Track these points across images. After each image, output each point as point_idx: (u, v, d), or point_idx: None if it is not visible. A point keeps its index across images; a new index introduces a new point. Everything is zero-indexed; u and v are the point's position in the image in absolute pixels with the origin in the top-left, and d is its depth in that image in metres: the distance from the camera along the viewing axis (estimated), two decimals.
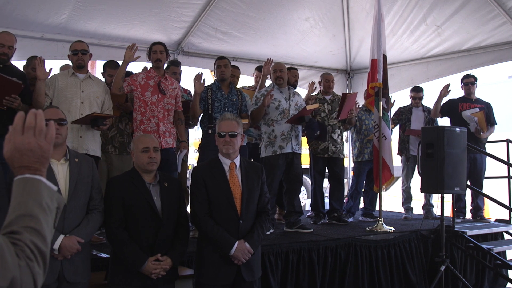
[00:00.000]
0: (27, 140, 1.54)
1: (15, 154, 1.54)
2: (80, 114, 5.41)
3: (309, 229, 6.74)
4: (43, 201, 1.52)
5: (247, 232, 4.22)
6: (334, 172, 7.83)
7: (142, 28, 8.39)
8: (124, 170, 5.64)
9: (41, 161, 1.56)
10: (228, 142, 4.25)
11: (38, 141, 1.55)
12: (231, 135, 4.26)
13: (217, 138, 4.32)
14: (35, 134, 1.55)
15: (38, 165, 1.56)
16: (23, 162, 1.54)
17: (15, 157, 1.54)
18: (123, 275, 3.99)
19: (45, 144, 1.56)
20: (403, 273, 6.64)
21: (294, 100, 6.92)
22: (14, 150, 1.54)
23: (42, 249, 1.46)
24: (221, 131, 4.29)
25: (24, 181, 1.53)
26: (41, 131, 1.56)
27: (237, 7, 8.59)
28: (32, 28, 7.63)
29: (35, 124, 1.55)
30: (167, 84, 5.93)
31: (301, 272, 5.86)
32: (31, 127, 1.55)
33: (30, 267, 1.41)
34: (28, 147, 1.53)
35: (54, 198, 1.57)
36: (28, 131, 1.54)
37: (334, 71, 10.64)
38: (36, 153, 1.55)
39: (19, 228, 1.45)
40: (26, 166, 1.54)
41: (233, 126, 4.30)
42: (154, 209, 4.02)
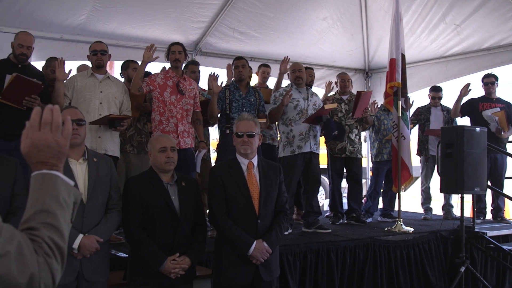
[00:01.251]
0: (44, 136, 1.54)
1: (32, 149, 1.54)
2: (99, 114, 5.44)
3: (327, 229, 6.71)
4: (60, 196, 1.52)
5: (265, 232, 4.21)
6: (352, 172, 7.80)
7: (160, 28, 8.42)
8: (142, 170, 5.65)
9: (58, 156, 1.56)
10: (246, 143, 4.24)
11: (55, 137, 1.55)
12: (249, 135, 4.25)
13: (235, 138, 4.32)
14: (52, 130, 1.55)
15: (55, 160, 1.56)
16: (40, 157, 1.54)
17: (32, 153, 1.54)
18: (142, 274, 4.00)
19: (62, 140, 1.56)
20: (423, 274, 6.58)
21: (312, 100, 6.90)
22: (31, 145, 1.54)
23: (60, 245, 1.46)
24: (239, 131, 4.28)
25: (41, 176, 1.54)
26: (58, 126, 1.56)
27: (255, 7, 8.59)
28: (51, 29, 7.69)
29: (51, 120, 1.55)
30: (186, 85, 5.94)
31: (320, 273, 5.84)
32: (48, 123, 1.54)
33: (49, 263, 1.41)
34: (45, 142, 1.53)
35: (71, 193, 1.58)
36: (45, 127, 1.54)
37: (352, 71, 10.60)
38: (53, 148, 1.55)
39: (37, 224, 1.45)
40: (43, 162, 1.54)
41: (251, 126, 4.29)
42: (172, 209, 4.03)
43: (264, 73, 7.86)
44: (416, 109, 8.80)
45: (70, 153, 3.87)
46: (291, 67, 6.97)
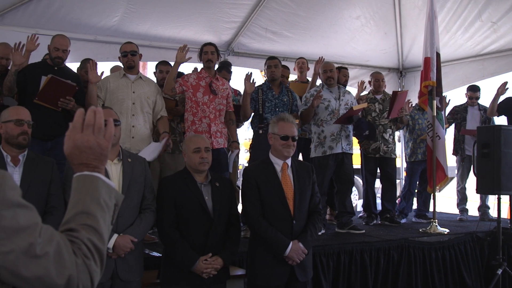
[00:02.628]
0: (86, 138, 1.54)
1: (74, 151, 1.55)
2: (132, 115, 5.48)
3: (361, 230, 6.66)
4: (101, 198, 1.53)
5: (300, 232, 4.20)
6: (386, 172, 7.73)
7: (193, 29, 8.46)
8: (176, 169, 5.69)
9: (99, 158, 1.57)
10: (290, 146, 4.24)
11: (97, 139, 1.55)
12: (294, 139, 4.26)
13: (277, 139, 4.27)
14: (94, 131, 1.55)
15: (97, 162, 1.56)
16: (82, 159, 1.55)
17: (74, 154, 1.55)
18: (175, 274, 4.03)
19: (103, 142, 1.57)
20: (458, 276, 6.48)
21: (344, 99, 6.85)
22: (73, 147, 1.54)
23: (99, 247, 1.47)
24: (284, 134, 4.26)
25: (83, 178, 1.54)
26: (100, 129, 1.56)
27: (287, 7, 8.56)
28: (85, 31, 7.80)
29: (94, 121, 1.56)
30: (218, 85, 5.95)
31: (353, 274, 5.80)
32: (90, 125, 1.55)
33: (87, 265, 1.41)
34: (87, 144, 1.54)
35: (112, 195, 1.58)
36: (88, 129, 1.55)
37: (386, 70, 10.49)
38: (95, 150, 1.55)
39: (76, 226, 1.45)
40: (84, 164, 1.55)
41: (295, 129, 4.30)
42: (205, 209, 4.03)
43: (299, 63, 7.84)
44: (453, 108, 8.67)
45: None
46: (322, 67, 6.93)
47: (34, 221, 1.36)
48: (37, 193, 3.86)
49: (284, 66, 7.32)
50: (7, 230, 1.30)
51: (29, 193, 3.71)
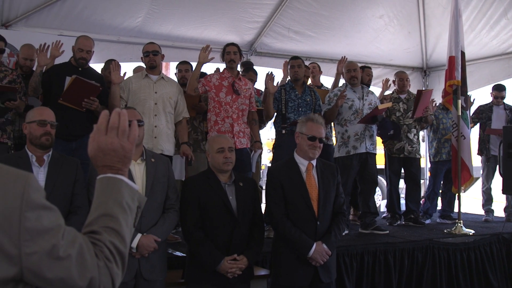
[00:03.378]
0: (110, 140, 1.55)
1: (98, 153, 1.55)
2: (154, 115, 5.49)
3: (384, 230, 6.61)
4: (124, 201, 1.53)
5: (324, 233, 4.19)
6: (410, 172, 7.66)
7: (215, 29, 8.47)
8: (198, 167, 5.72)
9: (123, 161, 1.57)
10: (316, 147, 4.23)
11: (121, 141, 1.56)
12: (321, 141, 4.24)
13: (304, 139, 4.26)
14: (118, 134, 1.56)
15: (120, 165, 1.57)
16: (106, 161, 1.55)
17: (98, 157, 1.55)
18: (200, 274, 4.03)
19: (127, 145, 1.57)
20: (484, 277, 6.39)
21: (368, 99, 6.81)
22: (97, 149, 1.55)
23: (121, 249, 1.47)
24: (312, 134, 4.24)
25: (106, 180, 1.54)
26: (124, 131, 1.57)
27: (310, 6, 8.54)
28: (109, 31, 7.86)
29: (118, 124, 1.56)
30: (241, 85, 5.95)
31: (377, 275, 5.75)
32: (115, 127, 1.56)
33: (109, 267, 1.42)
34: (111, 147, 1.54)
35: (135, 198, 1.58)
36: (112, 131, 1.55)
37: (410, 69, 10.41)
38: (119, 153, 1.55)
39: (99, 228, 1.46)
40: (108, 166, 1.55)
41: (323, 130, 4.28)
42: (229, 209, 4.04)
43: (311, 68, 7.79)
44: (478, 107, 8.56)
45: None
46: (346, 67, 6.90)
47: (57, 223, 1.37)
48: (62, 193, 3.89)
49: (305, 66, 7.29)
50: (31, 231, 1.31)
51: (54, 193, 3.75)
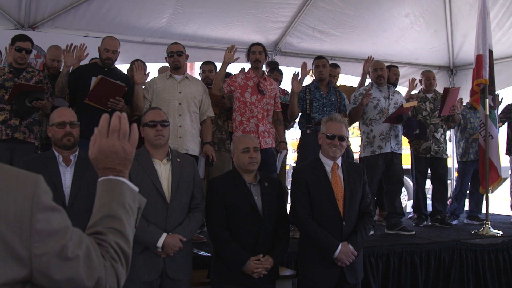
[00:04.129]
0: (112, 143, 1.57)
1: (99, 156, 1.58)
2: (179, 115, 5.50)
3: (411, 231, 6.55)
4: (126, 202, 1.56)
5: (350, 234, 4.16)
6: (437, 172, 7.57)
7: (240, 29, 8.49)
8: (223, 167, 5.72)
9: (124, 163, 1.60)
10: (336, 146, 4.21)
11: (122, 144, 1.58)
12: (341, 139, 4.21)
13: (324, 139, 4.26)
14: (119, 137, 1.58)
15: (121, 167, 1.59)
16: (107, 164, 1.58)
17: (100, 159, 1.58)
18: (225, 273, 4.04)
19: (128, 147, 1.60)
20: None
21: (394, 98, 6.75)
22: (99, 152, 1.58)
23: (125, 250, 1.50)
24: (331, 133, 4.23)
25: (108, 182, 1.57)
26: (125, 134, 1.59)
27: (335, 6, 8.51)
28: (134, 32, 7.93)
29: (119, 127, 1.58)
30: (266, 85, 5.95)
31: (403, 276, 5.71)
32: (116, 130, 1.58)
33: (115, 267, 1.45)
34: (112, 149, 1.57)
35: (136, 199, 1.61)
36: (113, 134, 1.58)
37: (436, 68, 10.30)
38: (120, 155, 1.58)
39: (103, 229, 1.49)
40: (110, 168, 1.58)
41: (343, 129, 4.25)
42: (255, 209, 4.03)
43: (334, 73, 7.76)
44: (506, 106, 8.42)
45: (154, 154, 3.96)
46: (372, 66, 6.86)
47: (65, 225, 1.39)
48: (88, 192, 3.91)
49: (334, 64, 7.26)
50: (41, 233, 1.32)
51: (80, 193, 3.78)
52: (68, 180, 3.83)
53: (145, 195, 3.81)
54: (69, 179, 3.85)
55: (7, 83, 5.43)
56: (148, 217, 3.77)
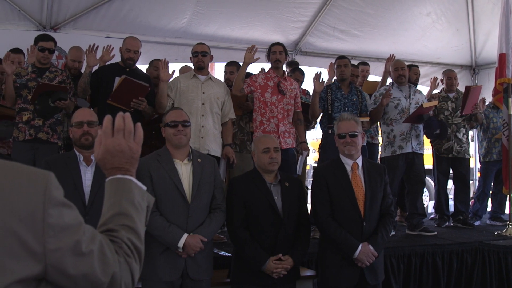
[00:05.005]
0: (118, 142, 1.58)
1: (106, 155, 1.58)
2: (201, 115, 5.52)
3: (432, 232, 6.49)
4: (135, 200, 1.56)
5: (371, 234, 4.13)
6: (459, 172, 7.49)
7: (260, 29, 8.48)
8: (244, 168, 5.71)
9: (131, 161, 1.60)
10: (349, 143, 4.19)
11: (128, 143, 1.59)
12: (352, 135, 4.18)
13: (337, 140, 4.27)
14: (124, 136, 1.59)
15: (128, 165, 1.60)
16: (114, 163, 1.59)
17: (107, 159, 1.59)
18: (245, 273, 4.04)
19: (134, 145, 1.61)
20: None
21: (415, 98, 6.70)
22: (105, 152, 1.58)
23: (138, 246, 1.51)
24: (341, 132, 4.23)
25: (116, 181, 1.58)
26: (130, 132, 1.60)
27: (355, 5, 8.48)
28: (155, 33, 7.96)
29: (124, 126, 1.59)
30: (287, 85, 5.93)
31: (425, 277, 5.67)
32: (121, 129, 1.59)
33: (129, 263, 1.46)
34: (118, 148, 1.58)
35: (144, 197, 1.62)
36: (118, 133, 1.58)
37: (458, 67, 10.20)
38: (126, 154, 1.59)
39: (115, 226, 1.50)
40: (117, 167, 1.59)
41: (352, 125, 4.23)
42: (275, 209, 4.03)
43: (363, 71, 7.73)
44: None
45: (175, 154, 3.96)
46: (393, 65, 6.81)
47: (78, 220, 1.39)
48: None
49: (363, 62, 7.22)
50: (55, 228, 1.32)
51: (100, 192, 3.78)
52: (89, 180, 3.86)
53: (166, 195, 3.86)
54: (90, 179, 3.87)
55: (30, 83, 5.47)
56: (169, 217, 3.78)
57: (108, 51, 5.81)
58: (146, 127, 5.83)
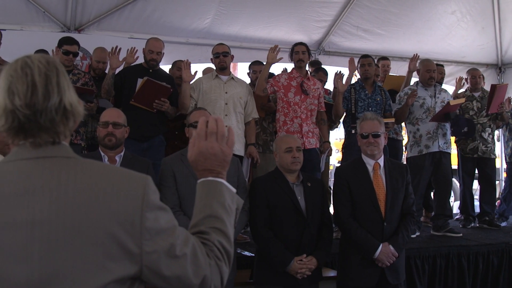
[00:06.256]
0: (211, 145, 1.60)
1: (199, 158, 1.61)
2: (225, 115, 5.52)
3: (458, 233, 6.42)
4: (226, 202, 1.59)
5: (392, 235, 4.12)
6: (485, 173, 7.39)
7: (283, 29, 8.46)
8: (267, 168, 5.69)
9: (222, 164, 1.63)
10: (372, 143, 4.17)
11: (220, 146, 1.61)
12: (374, 135, 4.16)
13: (360, 139, 4.25)
14: (217, 139, 1.61)
15: (220, 168, 1.62)
16: (207, 165, 1.61)
17: (199, 161, 1.61)
18: (268, 274, 4.04)
19: (226, 149, 1.63)
20: None
21: (440, 97, 6.62)
22: (198, 154, 1.61)
23: (228, 248, 1.54)
24: (364, 132, 4.21)
25: (208, 183, 1.61)
26: (223, 136, 1.62)
27: (379, 4, 8.41)
28: (177, 33, 7.99)
29: (217, 129, 1.61)
30: (310, 85, 5.91)
31: (450, 278, 5.62)
32: (214, 133, 1.61)
33: (219, 266, 1.50)
34: (211, 151, 1.60)
35: (234, 200, 1.65)
36: (211, 136, 1.61)
37: (483, 66, 10.06)
38: (219, 157, 1.61)
39: (206, 229, 1.53)
40: (209, 169, 1.61)
41: (375, 125, 4.20)
42: (298, 209, 4.02)
43: (384, 66, 7.67)
44: None
45: None
46: (425, 66, 6.67)
47: (173, 223, 1.46)
48: None
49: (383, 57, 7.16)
50: (151, 231, 1.39)
51: None
52: None
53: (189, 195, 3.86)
54: None
55: None
56: None
57: (132, 53, 5.86)
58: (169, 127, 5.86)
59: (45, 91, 1.37)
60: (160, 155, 5.28)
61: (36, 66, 1.39)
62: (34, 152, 1.40)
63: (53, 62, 1.44)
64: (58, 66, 1.44)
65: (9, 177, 1.38)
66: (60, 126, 1.41)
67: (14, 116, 1.36)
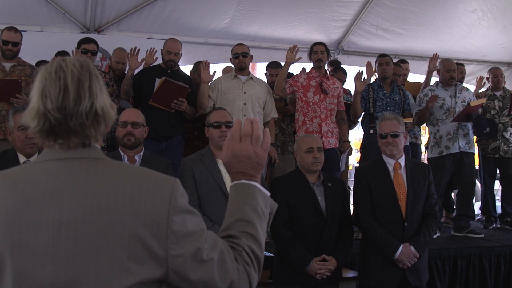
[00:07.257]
0: (245, 147, 1.58)
1: (233, 160, 1.59)
2: (243, 115, 5.52)
3: (479, 234, 6.34)
4: (258, 207, 1.56)
5: (413, 235, 4.08)
6: (507, 173, 7.30)
7: (302, 29, 8.45)
8: (286, 169, 5.69)
9: (256, 167, 1.60)
10: (391, 143, 4.14)
11: (254, 149, 1.59)
12: (393, 135, 4.13)
13: (379, 139, 4.22)
14: (252, 141, 1.59)
15: (254, 171, 1.60)
16: (240, 168, 1.59)
17: (233, 163, 1.60)
18: (288, 274, 4.03)
19: (261, 152, 1.61)
20: None
21: (461, 96, 6.54)
22: (232, 156, 1.59)
23: (258, 254, 1.52)
24: (383, 132, 4.18)
25: (241, 186, 1.59)
26: (258, 138, 1.60)
27: (398, 3, 8.35)
28: (196, 34, 8.02)
29: (252, 132, 1.60)
30: (329, 84, 5.89)
31: (471, 279, 5.56)
32: (248, 135, 1.59)
33: (247, 271, 1.47)
34: (245, 154, 1.58)
35: (267, 204, 1.62)
36: (246, 139, 1.59)
37: (505, 65, 9.95)
38: (253, 160, 1.59)
39: (236, 233, 1.51)
40: (242, 172, 1.59)
41: (395, 125, 4.17)
42: (318, 209, 4.00)
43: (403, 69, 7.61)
44: None
45: (218, 154, 3.97)
46: (446, 66, 6.59)
47: (201, 227, 1.44)
48: None
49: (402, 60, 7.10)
50: (178, 235, 1.38)
51: None
52: None
53: (209, 195, 3.85)
54: None
55: None
56: (212, 217, 3.78)
57: (151, 54, 5.89)
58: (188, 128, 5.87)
59: (77, 95, 1.38)
60: (179, 155, 5.30)
61: (69, 70, 1.40)
62: (63, 153, 1.40)
63: (87, 66, 1.45)
64: (91, 70, 1.45)
65: (37, 178, 1.38)
66: (90, 130, 1.41)
67: (46, 119, 1.36)
